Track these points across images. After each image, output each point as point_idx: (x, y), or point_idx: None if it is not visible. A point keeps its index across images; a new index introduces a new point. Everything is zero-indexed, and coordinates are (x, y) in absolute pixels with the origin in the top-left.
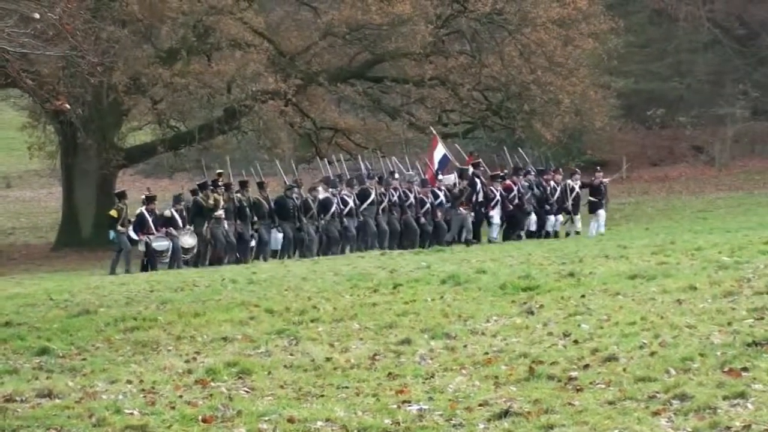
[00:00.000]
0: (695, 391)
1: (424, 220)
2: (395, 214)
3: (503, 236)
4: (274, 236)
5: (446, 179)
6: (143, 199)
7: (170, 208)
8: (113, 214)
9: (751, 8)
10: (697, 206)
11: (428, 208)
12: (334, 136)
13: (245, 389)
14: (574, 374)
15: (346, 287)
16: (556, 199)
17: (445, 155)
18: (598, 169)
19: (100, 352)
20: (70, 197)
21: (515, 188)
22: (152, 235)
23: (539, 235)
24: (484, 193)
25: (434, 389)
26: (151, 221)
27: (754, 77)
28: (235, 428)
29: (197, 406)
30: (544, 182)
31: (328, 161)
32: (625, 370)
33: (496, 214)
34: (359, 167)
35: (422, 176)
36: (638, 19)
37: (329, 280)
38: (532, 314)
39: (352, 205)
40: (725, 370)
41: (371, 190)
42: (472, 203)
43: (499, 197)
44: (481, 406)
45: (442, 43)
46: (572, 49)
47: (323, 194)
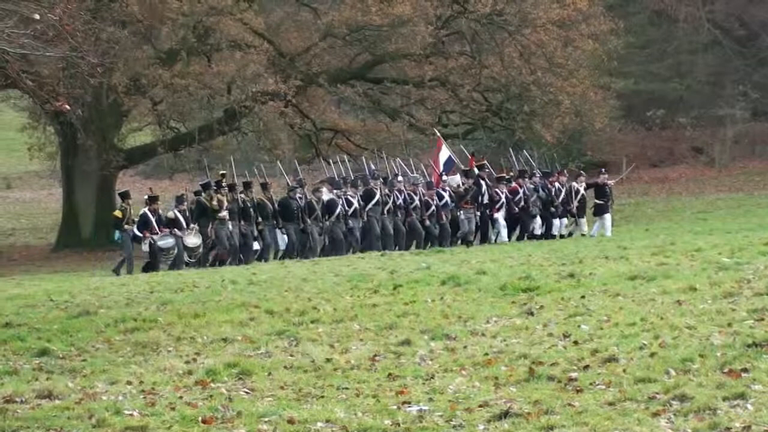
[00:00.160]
0: (695, 392)
1: (429, 222)
2: (399, 215)
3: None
4: (279, 237)
5: (451, 180)
6: (146, 199)
7: (173, 209)
8: (118, 214)
9: (751, 9)
10: (697, 207)
11: (433, 210)
12: (334, 137)
13: (245, 390)
14: (574, 375)
15: (346, 288)
16: (561, 201)
17: (450, 157)
18: (602, 170)
19: (100, 353)
20: (70, 198)
21: (521, 191)
22: (156, 234)
23: (545, 238)
24: (489, 195)
25: (434, 390)
26: (154, 221)
27: (754, 78)
28: (235, 429)
29: (197, 407)
30: (549, 185)
31: (329, 162)
32: (625, 371)
33: (500, 216)
34: (363, 168)
35: (427, 178)
36: (638, 20)
37: (329, 281)
38: (532, 315)
39: (356, 205)
40: (725, 371)
41: (376, 190)
42: (477, 204)
43: (504, 200)
44: (481, 407)
45: (442, 44)
46: (572, 50)
47: (328, 195)
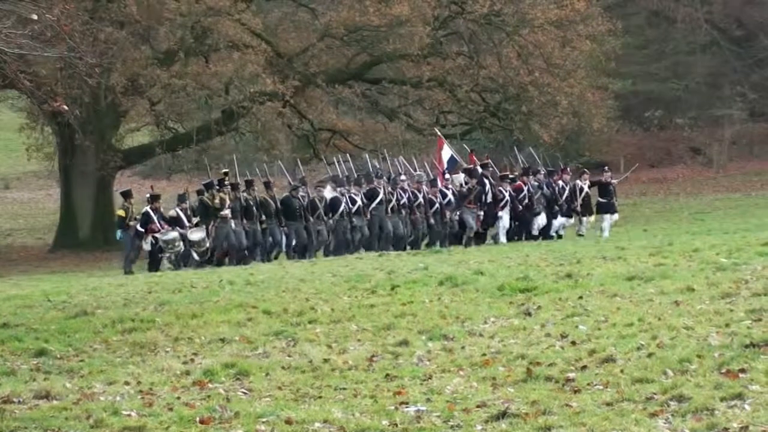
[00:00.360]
0: (693, 392)
1: (433, 220)
2: (404, 213)
3: (510, 237)
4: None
5: (455, 178)
6: (148, 198)
7: (175, 207)
8: (121, 213)
9: (749, 10)
10: (694, 208)
11: (437, 208)
12: (332, 137)
13: (243, 390)
14: (571, 375)
15: (343, 288)
16: (564, 199)
17: (452, 156)
18: (605, 168)
19: (97, 353)
20: (68, 198)
21: (525, 188)
22: (158, 232)
23: (548, 236)
24: (493, 194)
25: (432, 390)
26: (156, 219)
27: (751, 79)
28: (232, 429)
29: (195, 407)
30: (553, 183)
31: (327, 162)
32: (622, 371)
33: (505, 215)
34: (365, 167)
35: (430, 176)
36: (636, 20)
37: (327, 281)
38: (529, 315)
39: (360, 204)
40: (723, 371)
41: (379, 189)
42: (480, 203)
43: (508, 198)
44: (478, 407)
45: (439, 44)
46: (570, 50)
47: (331, 193)
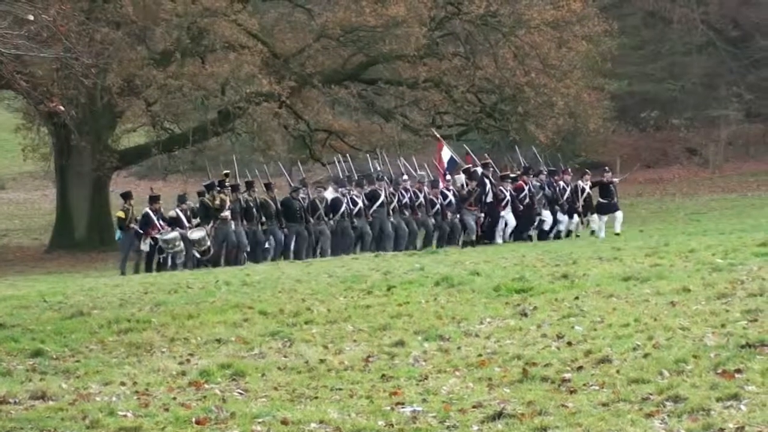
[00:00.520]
0: (689, 392)
1: (434, 221)
2: (406, 214)
3: (513, 237)
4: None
5: (457, 179)
6: (149, 198)
7: (175, 208)
8: (121, 214)
9: (744, 10)
10: (690, 208)
11: (438, 209)
12: (328, 138)
13: (239, 391)
14: (567, 376)
15: (339, 289)
16: (565, 199)
17: (452, 158)
18: (606, 169)
19: (93, 354)
20: (64, 199)
21: (526, 188)
22: (158, 234)
23: (550, 236)
24: (494, 194)
25: (428, 391)
26: (156, 220)
27: (747, 79)
28: (228, 430)
29: (191, 407)
30: (554, 183)
31: (324, 163)
32: (618, 371)
33: (507, 214)
34: (363, 167)
35: (431, 177)
36: (632, 21)
37: (323, 281)
38: (525, 316)
39: (361, 205)
40: (719, 371)
41: (380, 191)
42: (480, 204)
43: (509, 197)
44: (474, 407)
45: (436, 45)
46: (566, 51)
47: (332, 194)
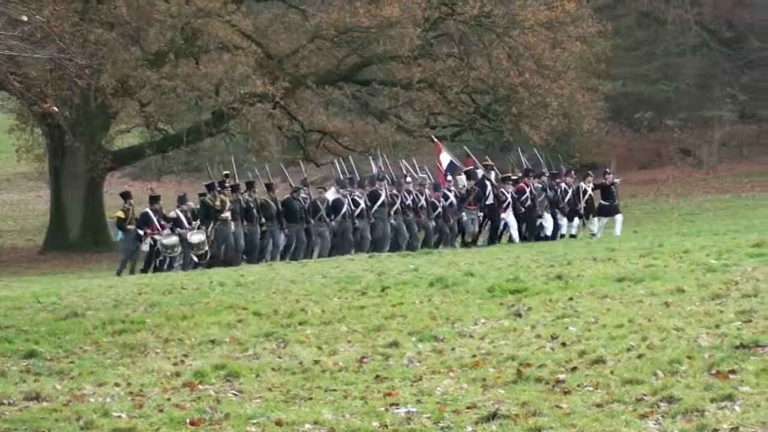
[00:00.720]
0: (683, 393)
1: (435, 223)
2: (410, 215)
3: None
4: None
5: (459, 179)
6: (149, 198)
7: (175, 209)
8: (121, 215)
9: (739, 11)
10: (684, 209)
11: (440, 211)
12: (322, 138)
13: (233, 392)
14: (561, 377)
15: (334, 290)
16: (567, 201)
17: (451, 161)
18: (607, 170)
19: (87, 355)
20: (57, 200)
21: (527, 190)
22: (158, 234)
23: (554, 239)
24: (495, 195)
25: (422, 392)
26: (155, 220)
27: (741, 80)
28: (222, 431)
29: (185, 408)
30: (556, 185)
31: (317, 164)
32: (612, 372)
33: (509, 216)
34: (363, 169)
35: (432, 179)
36: (626, 22)
37: (317, 282)
38: (519, 317)
39: (363, 206)
40: (713, 372)
41: (381, 191)
42: (480, 204)
43: (510, 199)
44: (468, 408)
45: (430, 45)
46: (560, 51)
47: (334, 195)
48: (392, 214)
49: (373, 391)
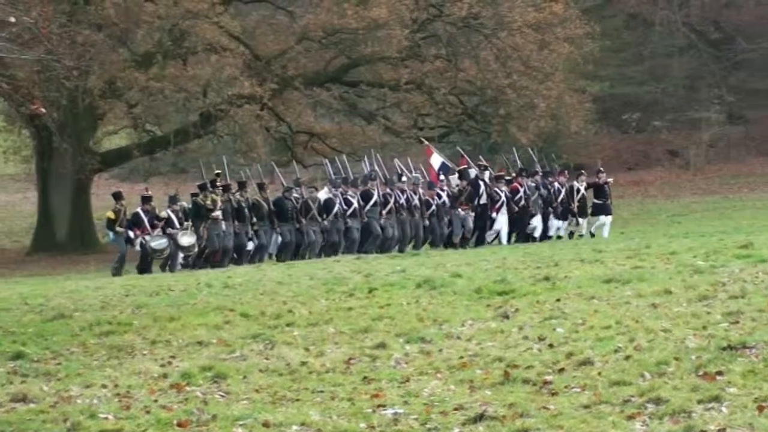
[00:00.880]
0: (670, 395)
1: (429, 222)
2: (404, 215)
3: (508, 239)
4: (273, 239)
5: (452, 179)
6: (141, 199)
7: (166, 209)
8: (111, 215)
9: (726, 13)
10: (672, 210)
11: (434, 209)
12: (309, 140)
13: (220, 393)
14: (549, 378)
15: (321, 291)
16: (560, 201)
17: (443, 163)
18: (600, 169)
19: (75, 356)
20: (45, 201)
21: (521, 189)
22: (148, 234)
23: (544, 239)
24: (488, 195)
25: (409, 393)
26: (146, 221)
27: (729, 81)
28: None
29: (172, 410)
30: (549, 184)
31: (305, 165)
32: (600, 374)
33: (501, 216)
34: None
35: (426, 178)
36: (614, 23)
37: (304, 284)
38: (507, 318)
39: (356, 206)
40: (700, 374)
41: (374, 191)
42: (473, 204)
43: (504, 198)
44: (456, 410)
45: (418, 47)
46: (548, 53)
47: (326, 194)
48: (384, 214)
49: (360, 392)
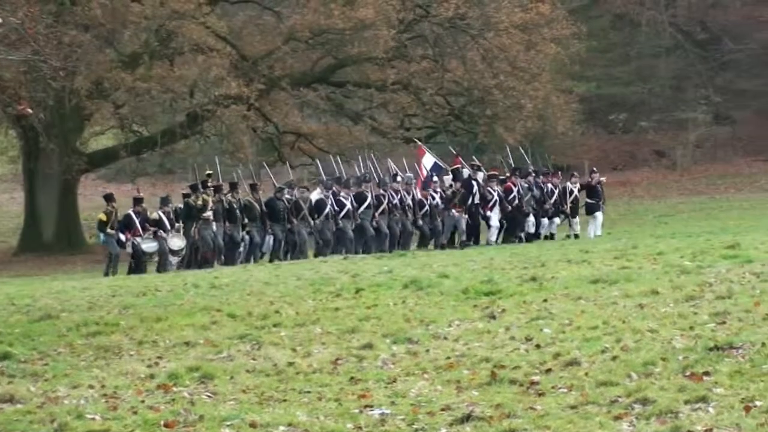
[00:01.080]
0: (657, 395)
1: (422, 222)
2: (397, 215)
3: (503, 239)
4: (267, 240)
5: (446, 179)
6: (133, 200)
7: (157, 210)
8: (102, 217)
9: (712, 13)
10: (659, 211)
11: (427, 210)
12: (296, 140)
13: (207, 394)
14: (536, 379)
15: (308, 292)
16: (553, 201)
17: (435, 163)
18: (594, 170)
19: (62, 357)
20: (32, 202)
21: (515, 189)
22: (139, 236)
23: (537, 237)
24: (481, 195)
25: (396, 394)
26: (138, 222)
27: (716, 82)
28: None
29: (159, 410)
30: (542, 184)
31: (291, 166)
32: (587, 374)
33: (494, 216)
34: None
35: (422, 178)
36: (600, 23)
37: (292, 284)
38: (494, 319)
39: (349, 207)
40: (687, 374)
41: (367, 193)
42: (466, 205)
43: (497, 198)
44: (443, 410)
45: (404, 47)
46: (535, 53)
47: (317, 195)
48: (377, 215)
49: (347, 392)
